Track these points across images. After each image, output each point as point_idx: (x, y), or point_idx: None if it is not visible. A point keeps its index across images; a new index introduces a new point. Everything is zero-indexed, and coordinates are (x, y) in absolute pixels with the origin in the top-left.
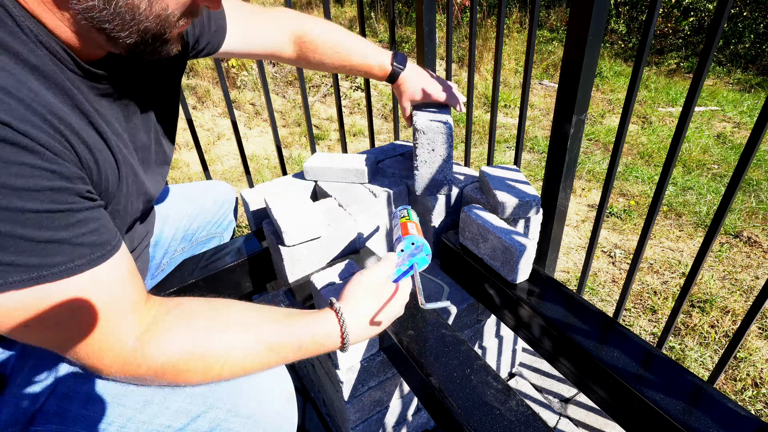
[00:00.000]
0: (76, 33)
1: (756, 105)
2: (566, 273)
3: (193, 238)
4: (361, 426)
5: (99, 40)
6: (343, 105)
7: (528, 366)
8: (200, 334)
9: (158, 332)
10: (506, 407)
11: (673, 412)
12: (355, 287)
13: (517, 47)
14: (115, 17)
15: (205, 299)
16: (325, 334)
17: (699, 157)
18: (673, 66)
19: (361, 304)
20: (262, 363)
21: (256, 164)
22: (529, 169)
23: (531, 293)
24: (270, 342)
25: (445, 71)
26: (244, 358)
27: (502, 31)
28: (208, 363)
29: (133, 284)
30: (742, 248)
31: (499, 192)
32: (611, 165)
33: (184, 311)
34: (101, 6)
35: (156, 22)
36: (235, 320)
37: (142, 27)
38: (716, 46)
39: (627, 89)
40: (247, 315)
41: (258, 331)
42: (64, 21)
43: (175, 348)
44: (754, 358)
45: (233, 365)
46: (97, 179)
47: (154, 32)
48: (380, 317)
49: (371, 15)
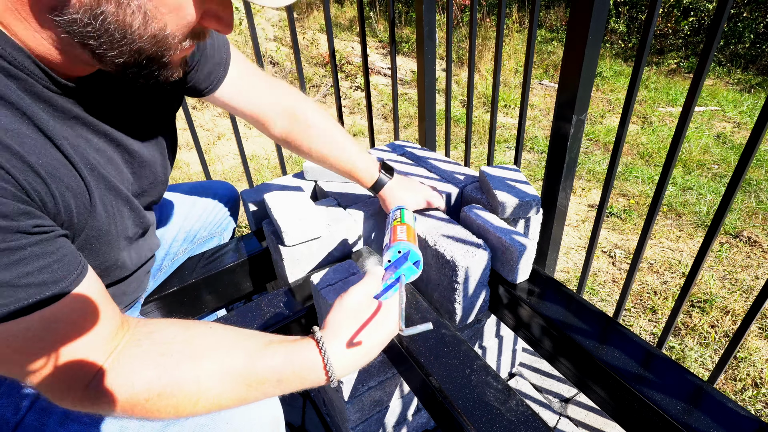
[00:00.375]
0: (57, 48)
1: (756, 105)
2: (566, 273)
3: (195, 238)
4: (361, 426)
5: (83, 57)
6: (343, 105)
7: (528, 366)
8: (171, 371)
9: (127, 368)
10: (506, 407)
11: (673, 412)
12: (337, 314)
13: (517, 47)
14: (102, 34)
15: (182, 326)
16: (307, 367)
17: (699, 157)
18: (673, 66)
19: (344, 333)
20: (239, 399)
21: (256, 164)
22: (529, 169)
23: (531, 293)
24: (247, 377)
25: (445, 71)
26: (218, 395)
27: (502, 31)
28: (179, 401)
29: (103, 317)
30: (742, 248)
31: (499, 192)
32: (611, 165)
33: (155, 343)
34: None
35: (152, 43)
36: (210, 352)
37: (135, 47)
38: (716, 46)
39: (627, 89)
40: (224, 345)
41: (234, 365)
42: (41, 34)
43: (143, 385)
44: (754, 358)
45: (207, 402)
46: (54, 210)
47: (149, 54)
48: (369, 342)
49: (371, 15)
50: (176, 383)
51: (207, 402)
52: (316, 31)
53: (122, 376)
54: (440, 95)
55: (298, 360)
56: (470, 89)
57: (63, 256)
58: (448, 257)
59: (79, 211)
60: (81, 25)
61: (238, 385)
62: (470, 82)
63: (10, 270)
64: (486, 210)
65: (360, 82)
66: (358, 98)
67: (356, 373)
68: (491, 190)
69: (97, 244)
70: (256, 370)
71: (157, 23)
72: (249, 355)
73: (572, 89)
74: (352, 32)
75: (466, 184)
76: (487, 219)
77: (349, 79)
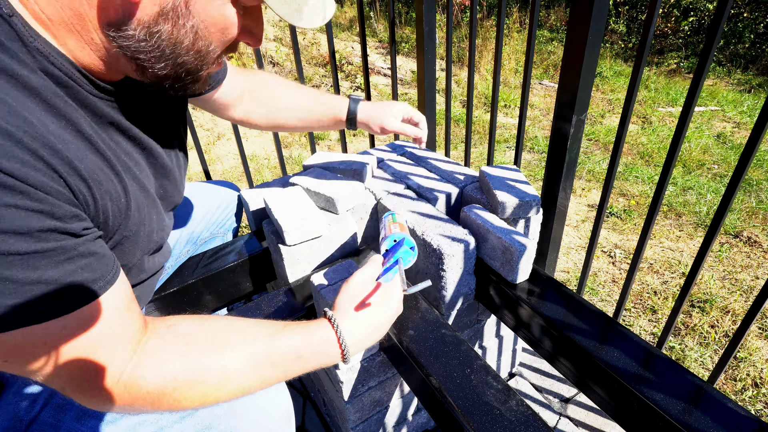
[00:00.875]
0: (102, 59)
1: (756, 105)
2: (566, 273)
3: (197, 240)
4: (361, 426)
5: (126, 68)
6: None
7: (528, 366)
8: (197, 359)
9: (153, 359)
10: (506, 407)
11: (673, 412)
12: (345, 296)
13: (517, 47)
14: (154, 50)
15: (199, 318)
16: (324, 344)
17: (699, 157)
18: (673, 66)
19: (353, 312)
20: (262, 380)
21: (256, 164)
22: (529, 169)
23: (531, 293)
24: (270, 357)
25: (445, 71)
26: (242, 377)
27: (502, 31)
28: (206, 388)
29: (131, 315)
30: (742, 248)
31: (499, 192)
32: (611, 165)
33: (178, 335)
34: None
35: (195, 57)
36: (231, 339)
37: (180, 61)
38: (716, 46)
39: (627, 89)
40: (243, 332)
41: (255, 347)
42: (90, 45)
43: (170, 375)
44: (754, 358)
45: (233, 386)
46: (94, 213)
47: (189, 67)
48: (377, 319)
49: (371, 15)
50: (202, 371)
51: (233, 386)
52: (316, 31)
53: (150, 369)
54: (440, 95)
55: (316, 337)
56: (470, 89)
57: (102, 256)
58: (434, 246)
59: (114, 215)
60: (135, 41)
61: (262, 365)
62: (470, 82)
63: (58, 268)
64: (486, 210)
65: (360, 82)
66: None
67: (356, 373)
68: (491, 190)
69: (127, 245)
70: (278, 350)
71: (205, 41)
72: (269, 336)
73: (572, 89)
74: (352, 32)
75: (466, 184)
76: (487, 219)
77: (349, 79)
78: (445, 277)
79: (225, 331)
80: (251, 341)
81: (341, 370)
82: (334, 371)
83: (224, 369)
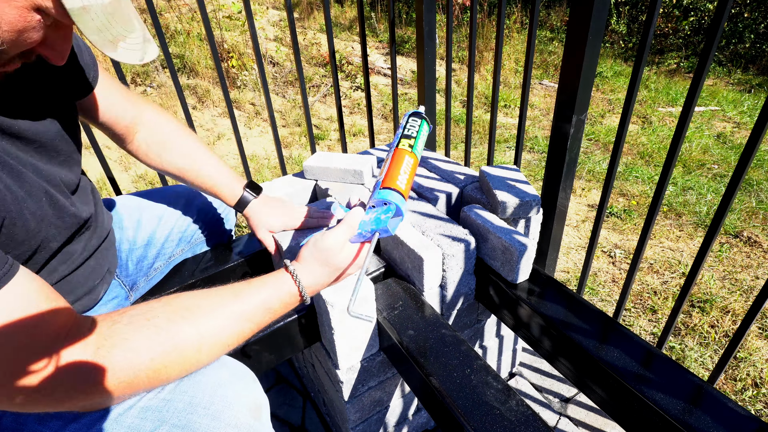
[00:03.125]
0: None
1: (756, 105)
2: (566, 273)
3: (192, 238)
4: (361, 426)
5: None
6: (343, 105)
7: (528, 366)
8: (164, 327)
9: (115, 341)
10: (506, 407)
11: (673, 412)
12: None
13: (517, 47)
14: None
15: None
16: (288, 295)
17: (699, 157)
18: (673, 66)
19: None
20: (239, 333)
21: (256, 164)
22: (529, 169)
23: (531, 293)
24: (242, 311)
25: (445, 71)
26: (218, 335)
27: (502, 31)
28: (182, 352)
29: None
30: (742, 248)
31: (499, 192)
32: (611, 165)
33: (133, 315)
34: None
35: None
36: (197, 303)
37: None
38: (716, 46)
39: (627, 89)
40: (207, 294)
41: (224, 304)
42: None
43: (142, 349)
44: (754, 358)
45: (210, 345)
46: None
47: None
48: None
49: (371, 15)
50: (173, 337)
51: (210, 345)
52: (316, 31)
53: (119, 347)
54: (440, 95)
55: (282, 290)
56: (470, 89)
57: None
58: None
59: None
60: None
61: (236, 320)
62: (470, 82)
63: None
64: (486, 210)
65: (360, 82)
66: (358, 98)
67: (356, 373)
68: (491, 190)
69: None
70: (249, 304)
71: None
72: (236, 293)
73: (572, 89)
74: (352, 32)
75: (466, 184)
76: (488, 219)
77: (349, 79)
78: (445, 277)
79: (187, 300)
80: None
81: (341, 370)
82: (334, 371)
83: (197, 329)
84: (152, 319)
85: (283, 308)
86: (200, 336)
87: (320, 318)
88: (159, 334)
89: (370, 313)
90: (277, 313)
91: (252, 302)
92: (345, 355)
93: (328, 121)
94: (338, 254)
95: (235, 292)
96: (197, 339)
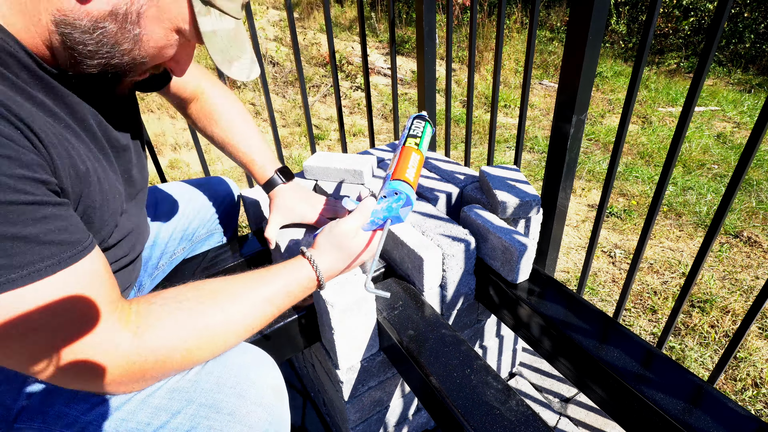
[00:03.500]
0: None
1: (756, 105)
2: (566, 273)
3: (193, 237)
4: (361, 426)
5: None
6: (343, 105)
7: (528, 366)
8: (195, 309)
9: (152, 321)
10: (506, 407)
11: (673, 412)
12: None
13: (517, 47)
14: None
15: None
16: (306, 279)
17: (699, 157)
18: (673, 66)
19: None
20: (264, 316)
21: None
22: (529, 169)
23: (531, 293)
24: (266, 295)
25: (445, 71)
26: (244, 317)
27: (502, 31)
28: (213, 334)
29: (111, 284)
30: (742, 248)
31: (499, 192)
32: (611, 165)
33: (166, 298)
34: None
35: (128, 63)
36: (223, 289)
37: (114, 62)
38: (716, 46)
39: (627, 89)
40: (232, 280)
41: (248, 288)
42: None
43: (176, 330)
44: (754, 358)
45: (238, 327)
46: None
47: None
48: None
49: (371, 15)
50: (203, 320)
51: (237, 327)
52: (316, 31)
53: (154, 327)
54: (440, 95)
55: (301, 275)
56: (470, 89)
57: (77, 222)
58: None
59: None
60: (79, 31)
61: (260, 303)
62: (470, 82)
63: (36, 225)
64: (486, 210)
65: (360, 82)
66: (358, 98)
67: (356, 373)
68: (491, 190)
69: (93, 217)
70: (272, 288)
71: (142, 52)
72: (259, 278)
73: (572, 89)
74: (352, 32)
75: (466, 184)
76: (488, 219)
77: (349, 79)
78: (445, 277)
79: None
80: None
81: (341, 370)
82: (334, 371)
83: (225, 313)
84: (183, 302)
85: (302, 292)
86: (228, 318)
87: (320, 318)
88: (191, 317)
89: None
90: (297, 298)
91: (274, 287)
92: (345, 355)
93: (328, 121)
94: (352, 239)
95: (257, 277)
96: (225, 321)
